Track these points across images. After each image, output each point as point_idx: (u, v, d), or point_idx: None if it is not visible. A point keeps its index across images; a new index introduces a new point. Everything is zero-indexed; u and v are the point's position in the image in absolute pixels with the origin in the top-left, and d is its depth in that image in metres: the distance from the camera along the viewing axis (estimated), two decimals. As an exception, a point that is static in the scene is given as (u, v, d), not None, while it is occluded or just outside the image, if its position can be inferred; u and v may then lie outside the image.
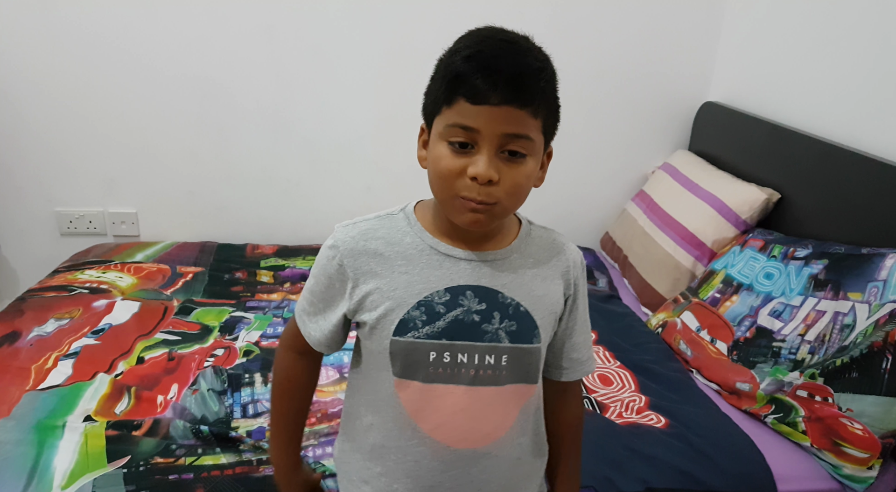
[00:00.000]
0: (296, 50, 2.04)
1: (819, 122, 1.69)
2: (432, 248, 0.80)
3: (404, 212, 0.83)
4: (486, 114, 0.70)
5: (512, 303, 0.80)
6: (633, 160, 2.29)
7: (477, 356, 0.79)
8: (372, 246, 0.80)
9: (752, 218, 1.73)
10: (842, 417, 1.23)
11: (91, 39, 1.95)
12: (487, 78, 0.69)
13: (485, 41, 0.72)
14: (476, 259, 0.80)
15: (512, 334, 0.79)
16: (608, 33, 2.11)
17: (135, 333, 1.58)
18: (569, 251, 0.86)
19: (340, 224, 0.83)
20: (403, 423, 0.81)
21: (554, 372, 0.90)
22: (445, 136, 0.73)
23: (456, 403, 0.79)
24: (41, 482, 1.10)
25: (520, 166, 0.73)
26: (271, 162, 2.16)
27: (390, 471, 0.83)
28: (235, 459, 1.19)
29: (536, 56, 0.72)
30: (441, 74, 0.74)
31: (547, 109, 0.74)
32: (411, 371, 0.79)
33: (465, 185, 0.72)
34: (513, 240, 0.83)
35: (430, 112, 0.76)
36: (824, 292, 1.38)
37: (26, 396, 1.31)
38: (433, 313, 0.78)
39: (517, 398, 0.83)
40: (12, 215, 2.12)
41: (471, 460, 0.81)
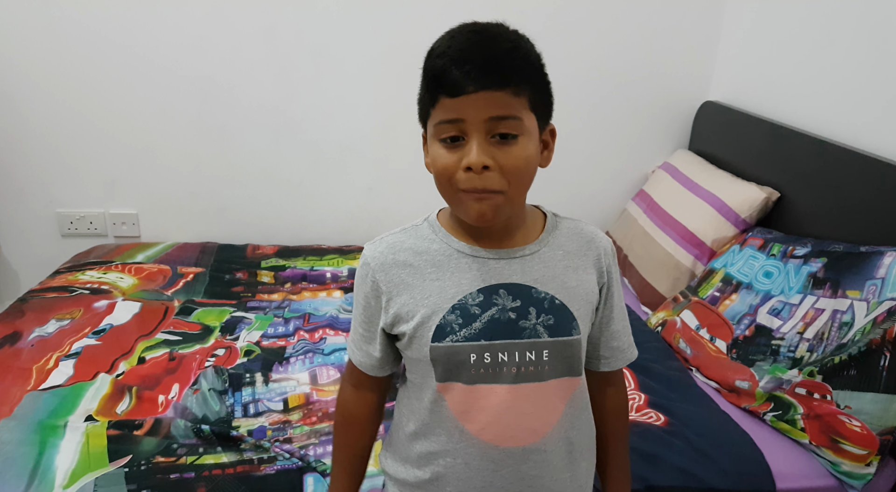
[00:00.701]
0: (297, 50, 2.04)
1: (819, 121, 1.69)
2: (459, 251, 0.81)
3: (428, 221, 0.85)
4: (466, 103, 0.71)
5: (546, 297, 0.80)
6: (633, 160, 2.30)
7: (517, 354, 0.78)
8: (401, 258, 0.81)
9: (752, 217, 1.73)
10: (840, 414, 1.24)
11: (93, 40, 1.95)
12: (460, 69, 0.70)
13: (454, 37, 0.73)
14: (505, 257, 0.80)
15: (550, 328, 0.79)
16: (608, 33, 2.11)
17: (136, 333, 1.59)
18: (598, 239, 0.86)
19: (368, 243, 0.85)
20: (451, 426, 0.81)
21: (595, 362, 0.89)
22: (437, 135, 0.75)
23: (501, 402, 0.79)
24: (43, 482, 1.10)
25: (513, 147, 0.73)
26: (272, 162, 2.17)
27: (441, 476, 0.83)
28: (237, 458, 1.20)
29: (507, 37, 0.73)
30: (423, 78, 0.76)
31: (530, 86, 0.74)
32: (454, 374, 0.79)
33: (462, 177, 0.73)
34: (539, 234, 0.83)
35: (423, 117, 0.78)
36: (823, 290, 1.38)
37: (28, 396, 1.31)
38: (469, 315, 0.78)
39: (562, 392, 0.82)
40: (14, 216, 2.13)
41: (520, 458, 0.81)
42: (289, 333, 1.66)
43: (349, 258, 2.10)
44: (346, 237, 2.27)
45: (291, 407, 1.36)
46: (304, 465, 1.18)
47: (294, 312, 1.77)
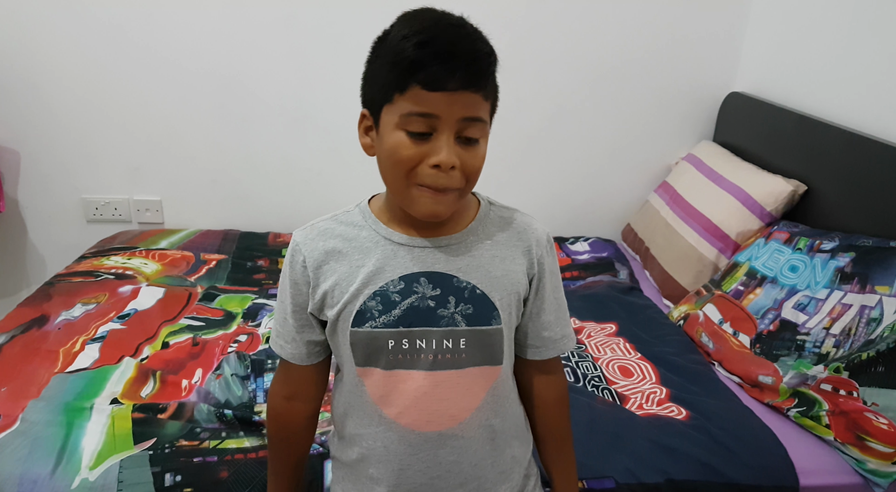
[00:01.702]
0: (317, 40, 2.04)
1: (848, 112, 1.66)
2: (387, 238, 0.81)
3: (359, 207, 0.85)
4: (444, 100, 0.70)
5: (468, 286, 0.80)
6: (657, 151, 2.27)
7: (434, 341, 0.80)
8: (330, 245, 0.82)
9: (778, 210, 1.71)
10: (867, 411, 1.22)
11: (117, 33, 1.97)
12: (445, 64, 0.69)
13: (435, 26, 0.72)
14: (430, 246, 0.81)
15: (469, 317, 0.80)
16: (632, 22, 2.08)
17: (160, 318, 1.61)
18: (531, 230, 0.86)
19: (298, 229, 0.85)
20: (370, 410, 0.83)
21: (528, 351, 0.90)
22: (402, 125, 0.73)
23: (418, 387, 0.80)
24: (70, 462, 1.13)
25: (475, 150, 0.75)
26: (292, 151, 2.17)
27: (364, 457, 0.85)
28: (259, 442, 1.21)
29: (483, 38, 0.73)
30: (389, 60, 0.73)
31: (494, 92, 0.76)
32: (372, 359, 0.81)
33: (426, 173, 0.73)
34: (470, 222, 0.83)
35: (378, 99, 0.75)
36: (851, 285, 1.36)
37: (55, 378, 1.34)
38: (389, 302, 0.79)
39: (482, 380, 0.83)
40: (40, 202, 2.16)
41: (437, 442, 0.83)
42: (309, 321, 1.67)
43: (369, 247, 2.10)
44: (366, 226, 2.27)
45: (312, 394, 1.37)
46: (324, 451, 1.19)
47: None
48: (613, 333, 1.68)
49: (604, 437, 1.26)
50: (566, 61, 2.10)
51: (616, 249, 2.20)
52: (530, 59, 2.08)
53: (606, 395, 1.41)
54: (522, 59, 2.07)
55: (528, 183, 2.25)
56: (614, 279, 1.98)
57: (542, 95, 2.14)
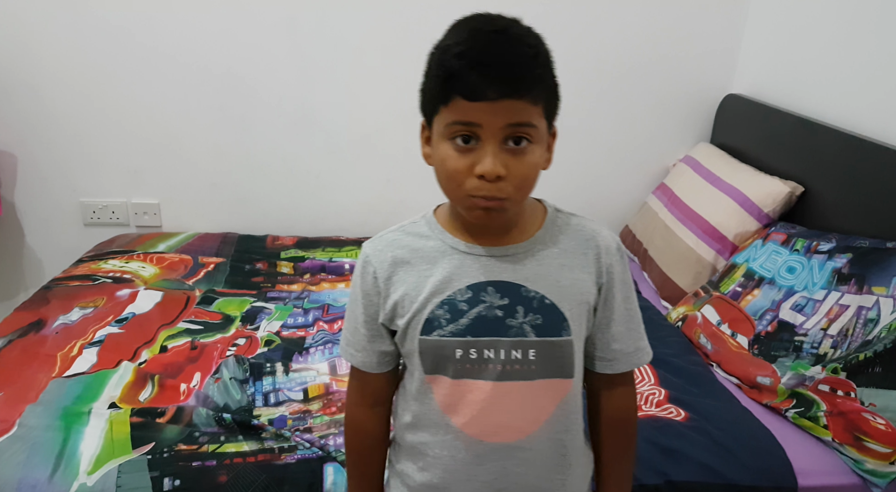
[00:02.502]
0: (317, 42, 2.04)
1: (845, 114, 1.66)
2: (453, 248, 0.81)
3: (425, 218, 0.85)
4: (485, 109, 0.69)
5: (536, 296, 0.79)
6: (654, 153, 2.27)
7: (503, 351, 0.78)
8: (398, 255, 0.82)
9: (775, 211, 1.71)
10: (864, 411, 1.22)
11: (116, 33, 1.97)
12: (482, 74, 0.68)
13: (474, 35, 0.71)
14: (498, 254, 0.80)
15: (538, 328, 0.79)
16: (630, 23, 2.09)
17: (158, 322, 1.60)
18: (601, 237, 0.83)
19: (368, 241, 0.86)
20: (437, 418, 0.82)
21: (597, 364, 0.87)
22: (447, 134, 0.73)
23: (485, 398, 0.79)
24: (68, 467, 1.12)
25: (526, 156, 0.73)
26: (292, 154, 2.17)
27: (429, 465, 0.84)
28: (257, 446, 1.21)
29: (528, 42, 0.72)
30: (434, 72, 0.73)
31: (546, 93, 0.74)
32: (441, 368, 0.80)
33: (474, 184, 0.72)
34: (537, 230, 0.82)
35: (429, 111, 0.76)
36: (848, 286, 1.36)
37: (53, 382, 1.33)
38: (456, 311, 0.79)
39: (552, 393, 0.81)
40: (38, 206, 2.16)
41: (505, 454, 0.81)
42: (308, 324, 1.67)
43: (367, 250, 2.10)
44: (364, 229, 2.27)
45: (311, 397, 1.37)
46: (324, 454, 1.19)
47: (313, 302, 1.78)
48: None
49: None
50: (564, 64, 2.07)
51: (614, 250, 2.19)
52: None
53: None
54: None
55: (526, 185, 2.24)
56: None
57: (540, 98, 2.14)
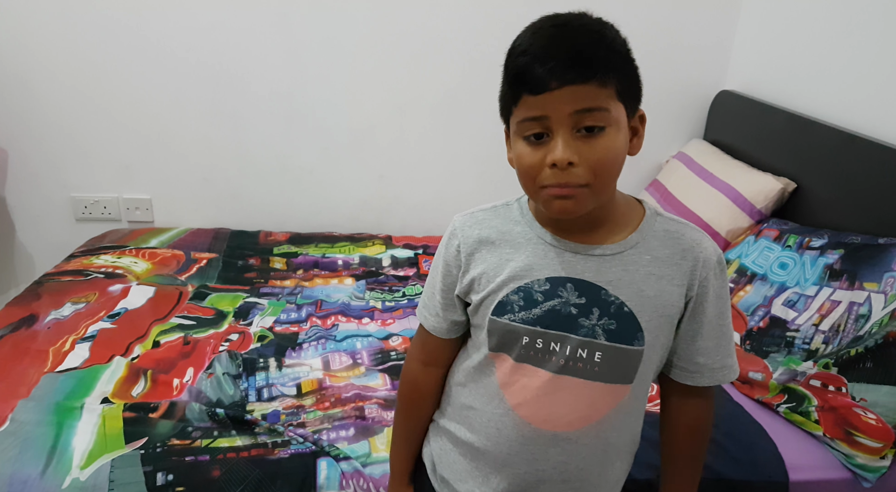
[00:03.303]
0: (310, 38, 2.04)
1: (837, 111, 1.67)
2: (540, 238, 0.81)
3: (519, 202, 0.86)
4: (549, 99, 0.70)
5: (616, 301, 0.78)
6: (647, 149, 2.22)
7: (570, 348, 0.79)
8: (485, 234, 0.84)
9: (768, 208, 1.72)
10: (855, 406, 1.23)
11: (107, 27, 1.95)
12: (542, 66, 0.70)
13: (536, 33, 0.73)
14: (583, 252, 0.79)
15: (610, 333, 0.78)
16: (622, 20, 2.06)
17: (150, 317, 1.60)
18: (700, 248, 0.80)
19: (459, 214, 0.87)
20: (493, 391, 0.84)
21: (678, 373, 0.86)
22: (520, 132, 0.75)
23: (542, 386, 0.81)
24: (61, 462, 1.12)
25: (599, 140, 0.72)
26: (284, 150, 2.17)
27: (476, 430, 0.87)
28: (251, 441, 1.20)
29: (590, 27, 0.74)
30: (504, 76, 0.75)
31: (617, 75, 0.73)
32: (506, 348, 0.82)
33: (547, 174, 0.73)
34: (631, 232, 0.80)
35: (505, 114, 0.78)
36: (840, 282, 1.37)
37: (45, 378, 1.33)
38: (531, 300, 0.79)
39: (609, 397, 0.81)
40: (28, 201, 2.14)
41: (550, 441, 0.83)
42: (301, 320, 1.66)
43: (360, 246, 2.10)
44: (357, 224, 2.27)
45: (304, 392, 1.37)
46: (317, 449, 1.19)
47: (306, 298, 1.78)
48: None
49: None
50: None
51: (607, 246, 2.20)
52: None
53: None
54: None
55: (519, 181, 2.25)
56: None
57: (534, 94, 2.14)
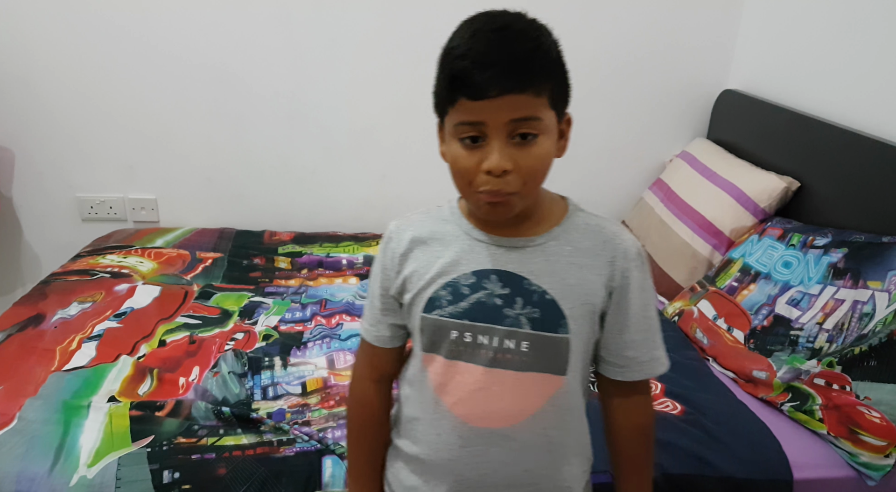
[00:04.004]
0: (312, 38, 2.04)
1: (841, 109, 1.67)
2: (467, 234, 0.84)
3: (449, 204, 0.88)
4: (488, 106, 0.71)
5: (538, 290, 0.80)
6: (651, 148, 2.28)
7: (497, 339, 0.80)
8: (418, 234, 0.86)
9: (771, 207, 1.72)
10: (859, 405, 1.23)
11: (110, 29, 1.96)
12: (481, 73, 0.69)
13: (475, 36, 0.71)
14: (507, 245, 0.81)
15: (534, 321, 0.80)
16: (625, 19, 2.09)
17: (156, 316, 1.61)
18: (619, 241, 0.83)
19: (395, 220, 0.89)
20: (429, 396, 0.85)
21: (609, 369, 0.87)
22: (456, 134, 0.75)
23: (475, 381, 0.82)
24: (68, 460, 1.13)
25: (533, 148, 0.74)
26: (288, 150, 2.17)
27: (418, 441, 0.88)
28: (256, 439, 1.21)
29: (529, 36, 0.72)
30: (441, 75, 0.75)
31: (551, 84, 0.74)
32: (436, 347, 0.83)
33: (483, 180, 0.74)
34: (553, 226, 0.83)
35: (440, 111, 0.78)
36: (843, 281, 1.37)
37: (52, 376, 1.34)
38: (458, 294, 0.81)
39: (542, 388, 0.82)
40: (34, 201, 2.15)
41: (489, 440, 0.83)
42: (306, 319, 1.67)
43: (364, 245, 2.10)
44: (360, 224, 2.27)
45: (310, 391, 1.37)
46: (322, 447, 1.20)
47: (311, 297, 1.79)
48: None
49: (598, 432, 1.26)
50: (561, 59, 2.10)
51: (611, 246, 2.20)
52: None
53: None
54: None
55: (523, 180, 2.25)
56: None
57: (537, 93, 2.14)
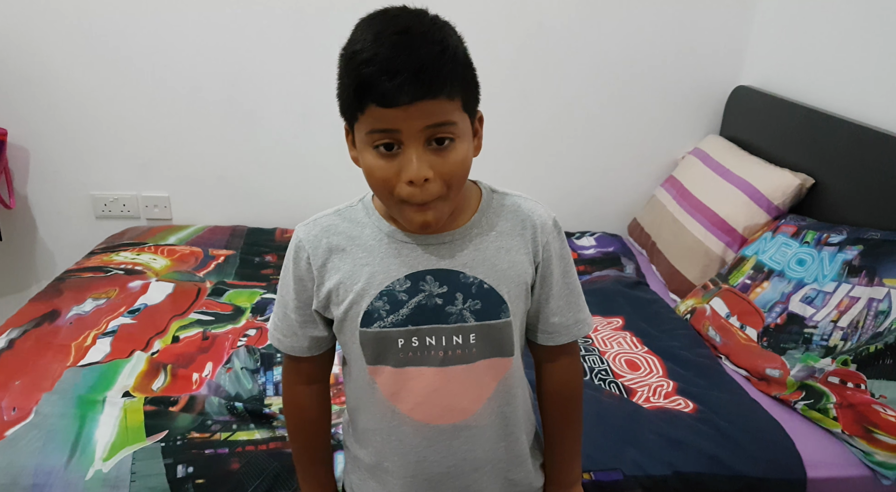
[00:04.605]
0: (325, 36, 2.04)
1: (855, 105, 1.65)
2: (390, 236, 0.80)
3: (363, 202, 0.84)
4: (401, 114, 0.68)
5: (475, 281, 0.80)
6: (663, 145, 2.27)
7: (444, 338, 0.80)
8: (334, 242, 0.81)
9: (785, 204, 1.71)
10: (874, 403, 1.22)
11: (123, 28, 1.98)
12: (391, 81, 0.66)
13: (378, 39, 0.68)
14: (434, 242, 0.80)
15: (477, 313, 0.80)
16: (638, 15, 2.08)
17: (170, 313, 1.62)
18: (536, 215, 0.83)
19: (301, 224, 0.84)
20: (383, 406, 0.83)
21: (539, 336, 0.89)
22: (369, 142, 0.71)
23: (429, 383, 0.81)
24: (84, 454, 1.14)
25: (451, 152, 0.72)
26: (300, 147, 2.18)
27: (378, 451, 0.86)
28: (269, 434, 1.22)
29: (434, 38, 0.69)
30: (346, 81, 0.71)
31: (462, 86, 0.71)
32: (382, 358, 0.81)
33: (406, 191, 0.72)
34: (472, 214, 0.82)
35: (348, 116, 0.74)
36: (859, 278, 1.36)
37: (67, 372, 1.35)
38: (396, 302, 0.79)
39: (493, 371, 0.83)
40: (49, 199, 2.18)
41: (451, 434, 0.83)
42: (318, 316, 1.68)
43: (376, 242, 2.11)
44: (373, 222, 2.28)
45: (321, 387, 1.38)
46: (334, 442, 1.20)
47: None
48: (620, 327, 1.68)
49: (611, 430, 1.26)
50: (572, 57, 2.09)
51: (622, 243, 2.20)
52: (537, 56, 2.08)
53: (613, 388, 1.42)
54: (529, 55, 2.07)
55: (534, 178, 2.25)
56: (620, 274, 1.98)
57: (549, 91, 2.14)
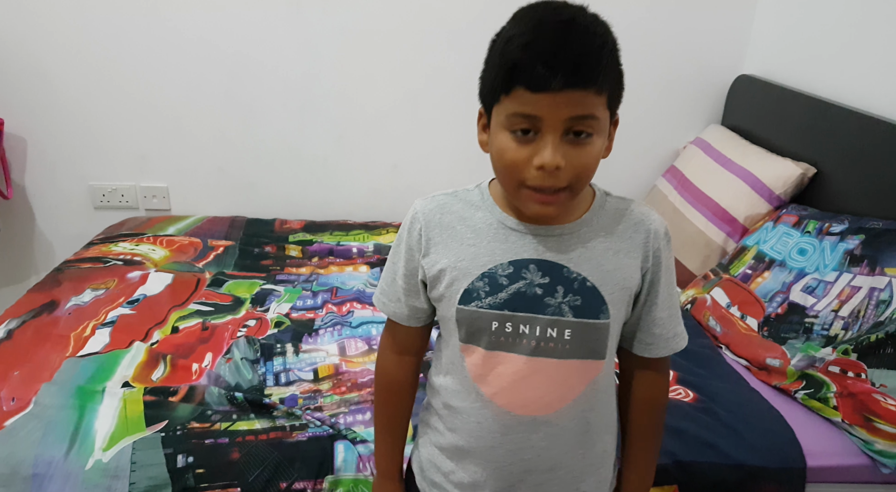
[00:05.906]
0: (324, 27, 2.03)
1: (858, 94, 1.64)
2: (501, 222, 0.81)
3: (479, 188, 0.85)
4: (547, 100, 0.68)
5: (578, 277, 0.79)
6: (664, 135, 2.26)
7: (539, 328, 0.79)
8: (446, 219, 0.83)
9: (787, 193, 1.70)
10: (875, 393, 1.22)
11: (123, 18, 1.97)
12: (547, 65, 0.67)
13: (539, 26, 0.69)
14: (543, 233, 0.80)
15: (576, 309, 0.79)
16: (639, 4, 2.06)
17: (169, 303, 1.61)
18: (649, 222, 0.83)
19: (420, 198, 0.86)
20: (468, 386, 0.84)
21: (637, 346, 0.88)
22: (507, 125, 0.72)
23: (517, 371, 0.81)
24: (84, 444, 1.14)
25: (586, 147, 0.72)
26: (299, 139, 2.17)
27: (457, 429, 0.86)
28: (269, 424, 1.22)
29: (595, 31, 0.70)
30: (497, 62, 0.72)
31: (611, 83, 0.72)
32: (475, 338, 0.81)
33: (532, 174, 0.72)
34: (584, 212, 0.82)
35: (488, 100, 0.75)
36: (860, 268, 1.35)
37: (66, 362, 1.35)
38: (496, 285, 0.79)
39: (583, 373, 0.82)
40: (47, 189, 2.17)
41: (531, 427, 0.83)
42: (317, 306, 1.68)
43: (375, 234, 2.10)
44: (371, 213, 2.27)
45: (321, 377, 1.38)
46: (334, 432, 1.20)
47: (322, 285, 1.79)
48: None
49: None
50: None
51: (623, 234, 2.19)
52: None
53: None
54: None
55: (534, 168, 2.24)
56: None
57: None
